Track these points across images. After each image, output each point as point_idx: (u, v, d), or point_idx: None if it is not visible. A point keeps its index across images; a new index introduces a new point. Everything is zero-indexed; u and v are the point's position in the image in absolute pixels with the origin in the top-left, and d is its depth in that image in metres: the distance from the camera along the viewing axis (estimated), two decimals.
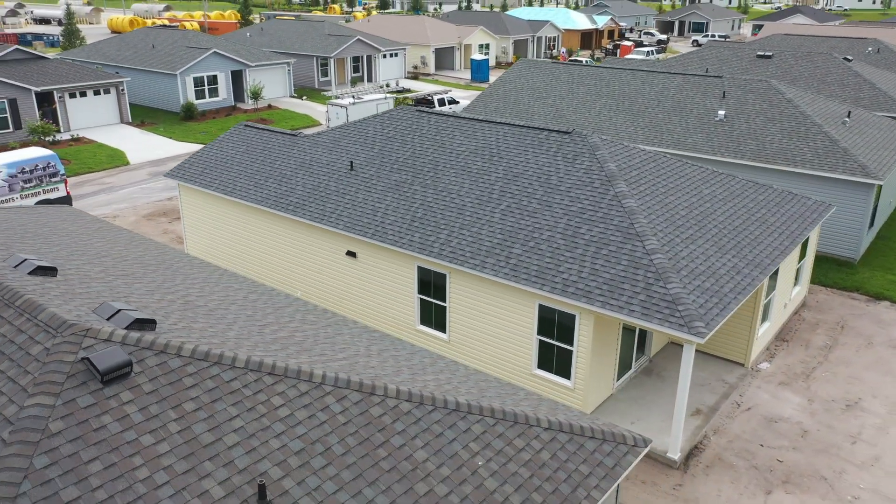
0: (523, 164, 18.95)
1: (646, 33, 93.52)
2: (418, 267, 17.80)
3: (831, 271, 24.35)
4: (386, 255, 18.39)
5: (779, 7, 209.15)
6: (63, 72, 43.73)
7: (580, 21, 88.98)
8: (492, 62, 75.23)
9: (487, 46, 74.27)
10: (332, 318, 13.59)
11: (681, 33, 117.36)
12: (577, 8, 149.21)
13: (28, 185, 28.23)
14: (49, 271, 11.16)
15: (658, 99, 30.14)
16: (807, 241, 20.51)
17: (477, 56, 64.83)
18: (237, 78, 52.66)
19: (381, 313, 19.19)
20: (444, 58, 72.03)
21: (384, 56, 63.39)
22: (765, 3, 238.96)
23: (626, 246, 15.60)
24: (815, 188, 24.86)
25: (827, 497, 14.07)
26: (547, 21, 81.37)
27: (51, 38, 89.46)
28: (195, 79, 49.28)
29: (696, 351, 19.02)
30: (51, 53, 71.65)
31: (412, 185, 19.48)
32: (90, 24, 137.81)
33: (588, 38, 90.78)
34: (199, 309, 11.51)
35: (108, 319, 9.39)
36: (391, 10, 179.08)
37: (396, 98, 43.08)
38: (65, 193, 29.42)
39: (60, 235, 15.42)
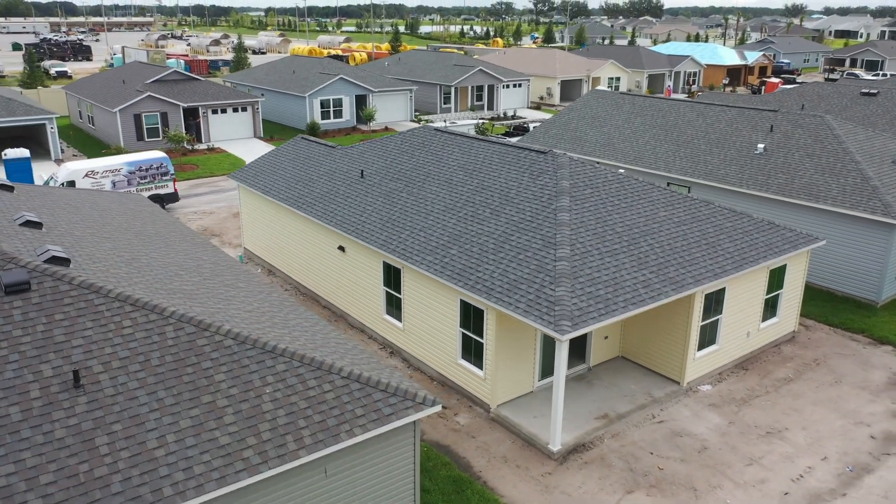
0: (494, 179, 20.81)
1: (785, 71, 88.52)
2: (384, 262, 20.24)
3: (844, 311, 23.42)
4: (362, 251, 21.02)
5: None
6: (210, 91, 51.04)
7: (727, 56, 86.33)
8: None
9: (618, 79, 74.68)
10: (277, 296, 16.43)
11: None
12: (742, 43, 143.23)
13: (143, 181, 34.07)
14: (36, 225, 15.04)
15: (706, 131, 30.25)
16: (781, 272, 20.34)
17: (601, 88, 65.69)
18: (361, 102, 57.94)
19: (361, 303, 21.79)
20: (570, 89, 73.50)
21: (506, 86, 66.24)
22: None
23: (541, 253, 17.05)
24: (835, 226, 24.12)
25: (688, 503, 14.59)
26: (688, 56, 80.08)
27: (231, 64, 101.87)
28: (322, 101, 55.10)
29: (639, 365, 19.67)
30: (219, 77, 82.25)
31: (401, 192, 21.99)
32: (279, 52, 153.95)
33: (735, 74, 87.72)
34: (136, 264, 14.83)
35: (38, 255, 12.88)
36: (556, 43, 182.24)
37: (488, 124, 45.59)
38: (172, 190, 35.04)
39: (100, 211, 19.68)
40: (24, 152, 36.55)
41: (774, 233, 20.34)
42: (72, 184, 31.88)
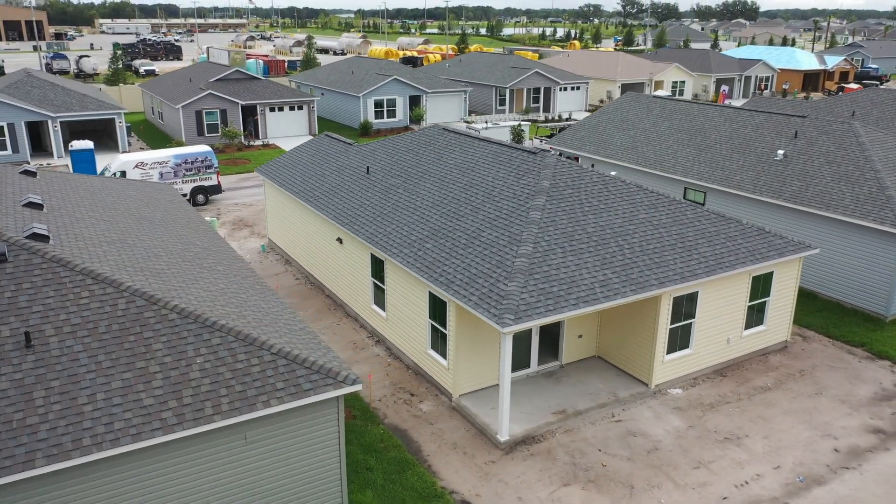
0: (483, 177, 21.38)
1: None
2: (371, 254, 21.16)
3: (849, 324, 22.67)
4: (355, 243, 22.01)
5: None
6: (268, 90, 53.45)
7: (805, 61, 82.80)
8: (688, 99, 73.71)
9: (682, 83, 73.08)
10: (253, 281, 17.65)
11: None
12: (832, 46, 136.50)
13: (188, 174, 36.31)
14: (37, 206, 16.75)
15: (731, 136, 29.70)
16: (767, 279, 19.99)
17: (660, 93, 64.62)
18: (415, 102, 59.19)
19: (354, 293, 22.80)
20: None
21: (562, 89, 66.05)
22: None
23: (505, 249, 17.55)
24: (846, 235, 23.38)
25: (618, 501, 14.79)
26: (759, 60, 77.39)
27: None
28: (375, 101, 56.69)
29: (612, 366, 19.78)
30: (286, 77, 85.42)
31: (398, 188, 22.87)
32: (358, 54, 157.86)
33: (812, 79, 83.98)
34: (121, 244, 16.29)
35: (23, 232, 14.45)
36: (636, 46, 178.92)
37: (532, 125, 45.82)
38: (216, 182, 37.16)
39: (116, 197, 21.46)
40: (88, 144, 39.55)
41: (761, 239, 20.03)
42: (123, 174, 34.39)
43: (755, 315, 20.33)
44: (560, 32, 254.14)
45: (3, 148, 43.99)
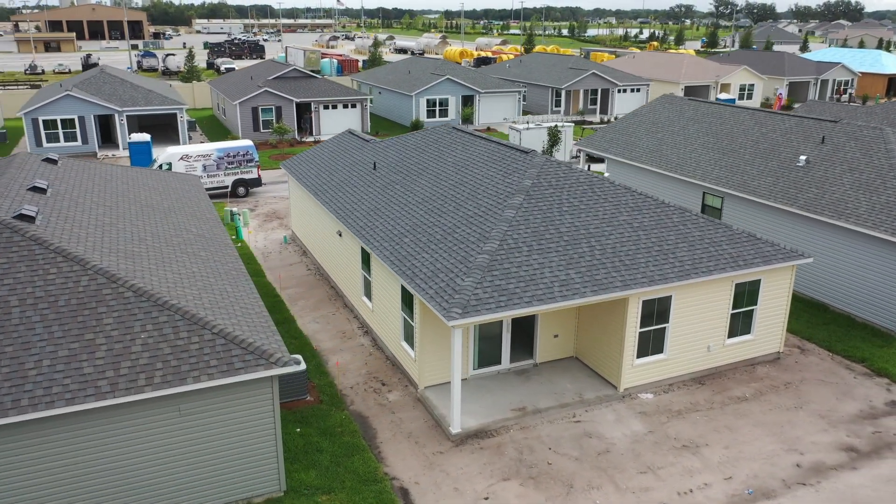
0: (474, 175, 21.67)
1: None
2: (361, 248, 21.83)
3: (855, 338, 21.65)
4: (350, 237, 22.73)
5: None
6: (323, 88, 55.12)
7: (890, 64, 78.05)
8: (756, 103, 71.07)
9: (752, 87, 70.41)
10: (231, 267, 18.65)
11: None
12: None
13: (230, 167, 38.11)
14: (40, 191, 18.25)
15: (757, 140, 28.74)
16: (754, 286, 19.38)
17: (723, 95, 62.63)
18: (468, 102, 59.63)
19: (350, 284, 23.54)
20: (696, 95, 70.33)
21: (621, 90, 64.94)
22: None
23: (472, 245, 17.84)
24: (857, 246, 22.36)
25: (553, 498, 14.85)
26: (838, 63, 73.58)
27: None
28: (428, 100, 57.51)
29: (587, 367, 19.69)
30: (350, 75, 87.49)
31: (396, 184, 23.45)
32: (436, 54, 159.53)
33: None
34: (109, 228, 17.56)
35: (12, 213, 15.85)
36: (723, 48, 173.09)
37: (577, 127, 45.45)
38: (256, 175, 38.82)
39: (130, 185, 22.98)
40: (145, 136, 42.05)
41: (750, 245, 19.46)
42: (169, 166, 36.46)
43: (741, 323, 19.77)
44: (646, 34, 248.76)
45: (73, 139, 47.31)
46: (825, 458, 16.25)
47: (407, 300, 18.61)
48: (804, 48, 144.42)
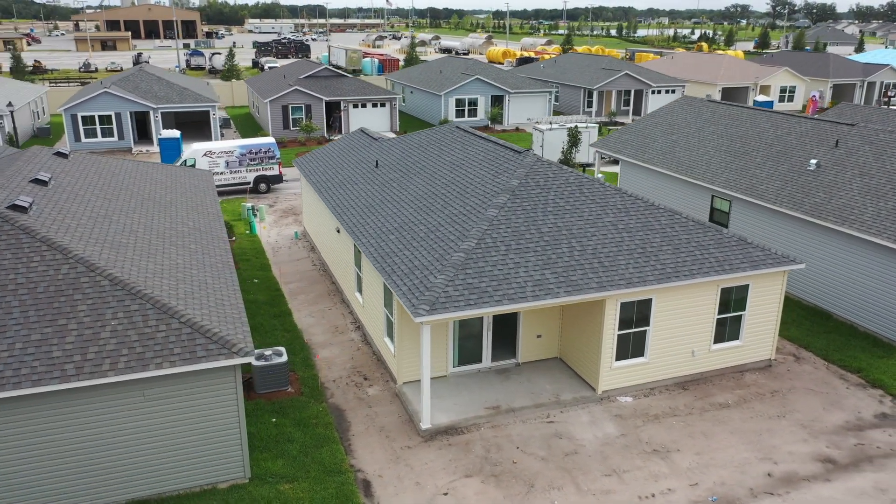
0: (466, 175, 21.80)
1: None
2: (353, 244, 22.17)
3: (854, 348, 21.03)
4: (345, 233, 23.10)
5: None
6: (353, 87, 55.83)
7: None
8: (798, 106, 69.09)
9: (793, 89, 68.47)
10: (218, 259, 19.21)
11: None
12: None
13: (252, 163, 38.99)
14: (42, 183, 19.09)
15: (771, 143, 28.09)
16: (742, 292, 19.02)
17: (761, 98, 61.17)
18: (498, 102, 59.60)
19: (346, 281, 23.92)
20: (733, 97, 68.82)
21: (655, 91, 63.97)
22: None
23: (452, 244, 17.99)
24: (861, 253, 21.72)
25: (512, 497, 14.89)
26: (887, 65, 70.97)
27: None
28: (457, 100, 57.71)
29: (570, 368, 19.61)
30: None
31: (393, 183, 23.73)
32: (479, 54, 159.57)
33: None
34: (102, 220, 18.27)
35: (6, 204, 16.65)
36: (775, 49, 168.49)
37: (602, 127, 45.01)
38: (277, 172, 39.61)
39: (136, 179, 23.81)
40: (175, 133, 43.31)
41: (739, 250, 19.11)
42: (193, 162, 37.51)
43: (728, 329, 19.42)
44: (697, 34, 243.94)
45: (110, 135, 49.04)
46: (799, 468, 15.89)
47: (388, 296, 18.86)
48: (860, 49, 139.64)
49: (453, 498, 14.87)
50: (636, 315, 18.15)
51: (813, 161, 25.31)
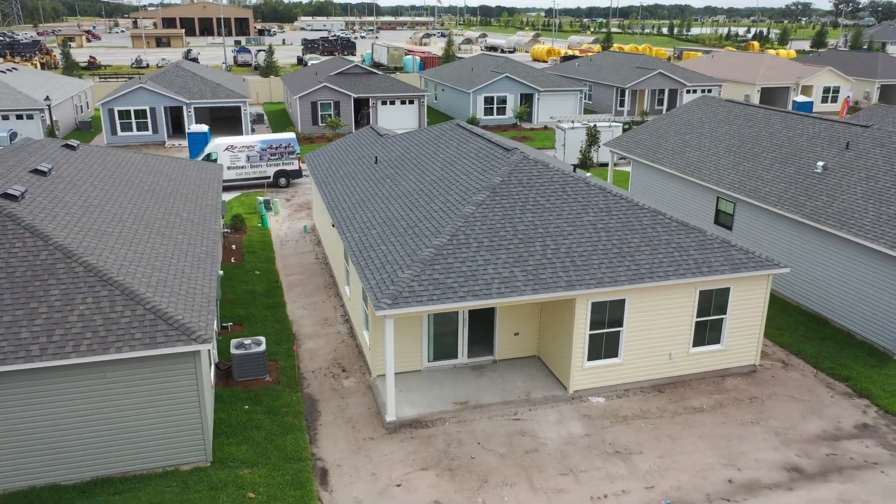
0: (455, 171, 21.92)
1: None
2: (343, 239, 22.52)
3: (847, 356, 20.39)
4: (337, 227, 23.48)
5: None
6: (382, 84, 56.35)
7: None
8: (839, 106, 66.73)
9: (836, 89, 66.18)
10: (202, 250, 19.80)
11: None
12: None
13: (272, 158, 39.80)
14: (41, 173, 19.98)
15: (782, 145, 27.37)
16: (723, 295, 18.65)
17: (801, 98, 59.39)
18: (528, 100, 59.35)
19: (339, 274, 24.31)
20: (773, 97, 66.89)
21: (689, 91, 62.69)
22: None
23: (425, 240, 18.15)
24: (859, 259, 21.04)
25: (463, 491, 15.00)
26: None
27: None
28: (485, 97, 57.69)
29: (545, 366, 19.55)
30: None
31: (387, 179, 24.01)
32: (525, 52, 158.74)
33: None
34: (94, 209, 19.03)
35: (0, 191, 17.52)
36: (832, 48, 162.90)
37: (625, 126, 44.43)
38: (297, 167, 40.34)
39: (139, 171, 24.66)
40: (203, 128, 44.42)
41: (721, 252, 18.76)
42: (215, 156, 38.53)
43: (708, 333, 19.08)
44: (753, 33, 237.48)
45: (145, 129, 50.65)
46: (763, 476, 15.55)
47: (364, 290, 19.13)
48: None
49: (405, 489, 15.06)
50: (609, 315, 18.00)
51: (820, 163, 24.59)
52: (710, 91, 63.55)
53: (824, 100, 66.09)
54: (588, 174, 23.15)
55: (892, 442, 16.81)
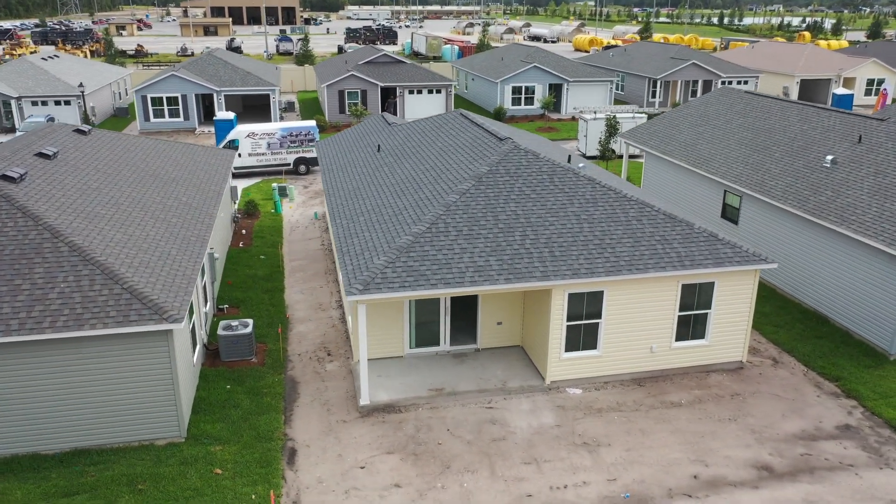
0: (447, 161, 22.01)
1: None
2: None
3: (842, 356, 19.86)
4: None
5: None
6: (410, 74, 56.51)
7: None
8: (889, 100, 64.26)
9: (881, 81, 63.74)
10: (192, 234, 20.34)
11: None
12: None
13: (293, 146, 40.42)
14: (45, 157, 20.77)
15: (795, 137, 26.64)
16: (708, 290, 18.35)
17: (841, 91, 57.42)
18: (557, 91, 58.78)
19: (338, 262, 24.64)
20: (814, 89, 64.79)
21: (724, 82, 61.19)
22: None
23: (406, 227, 18.32)
24: (859, 256, 20.43)
25: (424, 475, 15.18)
26: None
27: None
28: (513, 87, 57.37)
29: (526, 355, 19.55)
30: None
31: (383, 167, 24.22)
32: (568, 41, 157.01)
33: None
34: (92, 193, 19.73)
35: None
36: (887, 39, 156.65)
37: (650, 117, 43.75)
38: (316, 155, 40.82)
39: (147, 156, 25.40)
40: (229, 115, 45.29)
41: (706, 246, 18.45)
42: (238, 143, 39.34)
43: (692, 327, 18.81)
44: (808, 22, 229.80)
45: (177, 115, 51.92)
46: (730, 473, 15.34)
47: None
48: None
49: (367, 472, 15.32)
50: (587, 307, 17.91)
51: (829, 157, 23.88)
52: (746, 83, 61.96)
53: (867, 93, 63.78)
54: (583, 164, 22.90)
55: (874, 444, 16.37)
